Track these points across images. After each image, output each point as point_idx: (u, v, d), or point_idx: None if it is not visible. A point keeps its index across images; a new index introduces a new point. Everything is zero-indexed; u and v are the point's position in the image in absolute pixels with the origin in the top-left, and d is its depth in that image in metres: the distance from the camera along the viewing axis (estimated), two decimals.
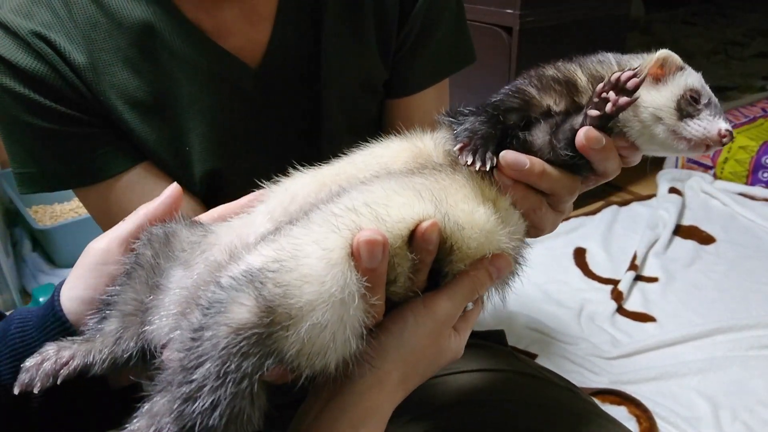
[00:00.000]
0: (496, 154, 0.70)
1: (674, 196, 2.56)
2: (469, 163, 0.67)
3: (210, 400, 0.52)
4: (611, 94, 0.68)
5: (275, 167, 0.98)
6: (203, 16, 0.87)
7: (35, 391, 0.63)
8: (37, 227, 2.21)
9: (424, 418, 0.91)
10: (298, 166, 0.75)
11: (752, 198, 2.56)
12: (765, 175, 2.61)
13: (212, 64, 0.89)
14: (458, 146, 0.69)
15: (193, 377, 0.52)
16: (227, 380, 0.52)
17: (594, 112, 0.68)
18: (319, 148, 1.00)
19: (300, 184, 0.72)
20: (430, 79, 1.06)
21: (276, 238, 0.63)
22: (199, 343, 0.54)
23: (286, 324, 0.55)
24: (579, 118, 0.71)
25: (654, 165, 2.83)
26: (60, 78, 0.84)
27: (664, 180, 2.69)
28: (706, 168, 2.77)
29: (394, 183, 0.67)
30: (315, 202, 0.67)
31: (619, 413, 1.55)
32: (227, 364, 0.53)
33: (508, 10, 2.22)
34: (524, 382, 0.98)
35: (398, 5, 0.97)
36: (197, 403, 0.52)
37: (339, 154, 0.77)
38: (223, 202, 0.74)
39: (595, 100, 0.69)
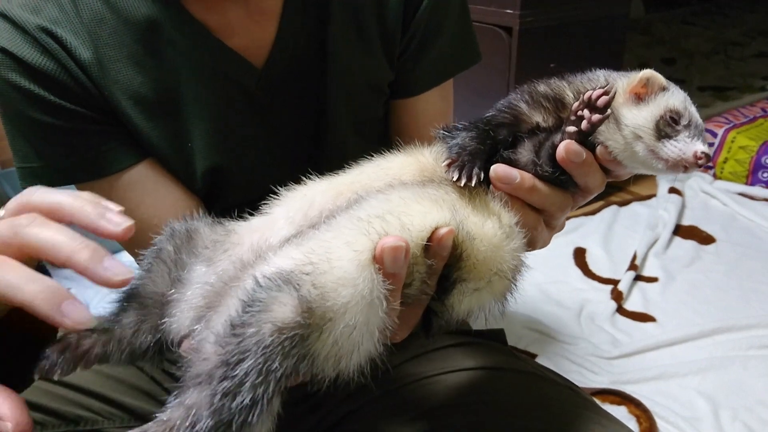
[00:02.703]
0: (486, 169, 0.71)
1: (674, 196, 2.56)
2: (454, 179, 0.69)
3: (250, 397, 0.53)
4: (586, 112, 0.70)
5: (278, 166, 0.99)
6: (208, 14, 0.87)
7: (55, 377, 0.63)
8: None
9: (423, 417, 0.91)
10: (304, 167, 0.75)
11: (752, 198, 2.56)
12: (765, 175, 2.61)
13: (217, 63, 0.89)
14: (446, 162, 0.71)
15: (235, 373, 0.53)
16: (269, 378, 0.53)
17: (571, 129, 0.71)
18: (323, 148, 1.00)
19: (317, 191, 0.73)
20: (435, 80, 1.06)
21: (302, 242, 0.64)
22: (241, 339, 0.54)
23: (323, 326, 0.57)
24: (559, 135, 0.73)
25: None
26: (66, 73, 0.84)
27: (664, 180, 2.69)
28: (706, 168, 2.77)
29: (410, 192, 0.68)
30: (334, 209, 0.69)
31: (620, 413, 1.55)
32: (269, 363, 0.53)
33: (508, 10, 2.22)
34: (523, 379, 0.98)
35: (401, 10, 0.97)
36: (237, 399, 0.53)
37: (343, 154, 0.77)
38: (225, 200, 0.75)
39: (572, 117, 0.72)
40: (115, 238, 0.55)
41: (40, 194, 0.56)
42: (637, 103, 0.75)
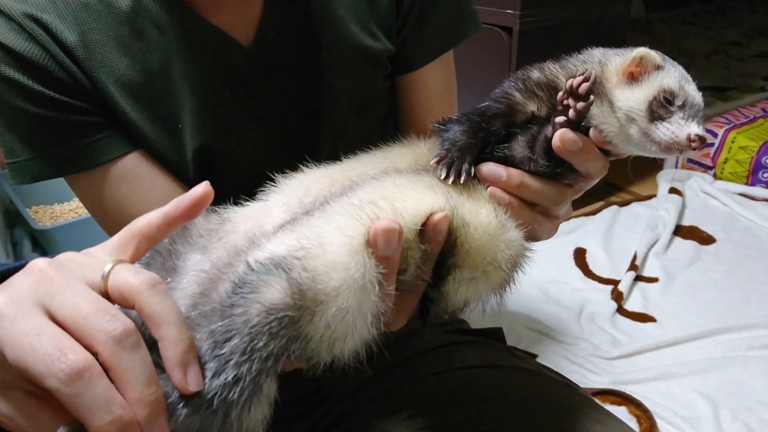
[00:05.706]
0: (479, 161, 0.71)
1: (674, 196, 2.56)
2: (442, 177, 0.69)
3: (233, 375, 0.53)
4: (570, 101, 0.70)
5: (273, 148, 0.97)
6: None
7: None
8: (37, 227, 2.21)
9: (422, 415, 0.91)
10: (301, 149, 0.76)
11: (752, 198, 2.56)
12: (765, 175, 2.61)
13: (202, 41, 0.88)
14: (434, 159, 0.71)
15: (222, 351, 0.54)
16: (253, 357, 0.54)
17: (560, 119, 0.70)
18: (320, 128, 0.98)
19: (312, 178, 0.74)
20: (434, 53, 1.05)
21: (295, 228, 0.65)
22: (229, 319, 0.55)
23: (314, 309, 0.57)
24: (549, 128, 0.72)
25: (654, 165, 2.83)
26: (52, 60, 0.84)
27: (664, 180, 2.69)
28: (706, 168, 2.77)
29: (404, 179, 0.69)
30: (329, 196, 0.70)
31: (620, 413, 1.55)
32: (255, 342, 0.54)
33: (508, 10, 2.22)
34: (522, 377, 0.98)
35: None
36: (221, 377, 0.53)
37: (342, 135, 0.77)
38: (218, 182, 0.73)
39: (559, 108, 0.71)
40: (179, 390, 0.52)
41: (157, 292, 0.52)
42: (630, 83, 0.73)
